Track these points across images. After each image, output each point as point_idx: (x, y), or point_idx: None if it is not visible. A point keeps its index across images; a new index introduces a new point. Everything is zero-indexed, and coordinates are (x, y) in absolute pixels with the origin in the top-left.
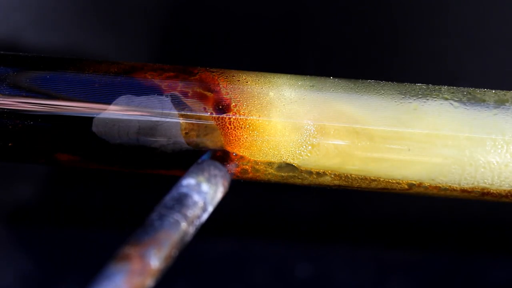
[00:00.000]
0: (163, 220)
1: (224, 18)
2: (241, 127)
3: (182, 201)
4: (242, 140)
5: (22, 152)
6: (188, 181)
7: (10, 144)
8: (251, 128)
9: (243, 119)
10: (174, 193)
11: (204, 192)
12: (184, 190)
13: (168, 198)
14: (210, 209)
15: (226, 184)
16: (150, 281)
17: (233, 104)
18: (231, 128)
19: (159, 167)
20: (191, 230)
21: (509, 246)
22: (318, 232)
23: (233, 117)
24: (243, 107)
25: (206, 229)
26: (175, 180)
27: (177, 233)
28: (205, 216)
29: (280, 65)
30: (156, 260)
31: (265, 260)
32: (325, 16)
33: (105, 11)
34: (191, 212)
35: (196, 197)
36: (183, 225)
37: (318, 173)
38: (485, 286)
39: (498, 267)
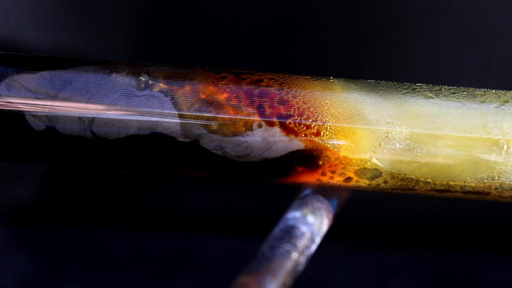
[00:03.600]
0: (274, 250)
1: (223, 18)
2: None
3: (290, 232)
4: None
5: (21, 153)
6: (294, 214)
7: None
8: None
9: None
10: (281, 225)
11: (311, 224)
12: (291, 222)
13: (276, 231)
14: (318, 240)
15: (330, 216)
16: None
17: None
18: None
19: (159, 167)
20: (302, 259)
21: (509, 246)
22: None
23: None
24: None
25: (207, 229)
26: (176, 179)
27: (289, 261)
28: (313, 247)
29: (280, 65)
30: (273, 286)
31: None
32: (324, 15)
33: (107, 11)
34: (300, 242)
35: (303, 228)
36: (294, 254)
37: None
38: (485, 286)
39: (498, 267)
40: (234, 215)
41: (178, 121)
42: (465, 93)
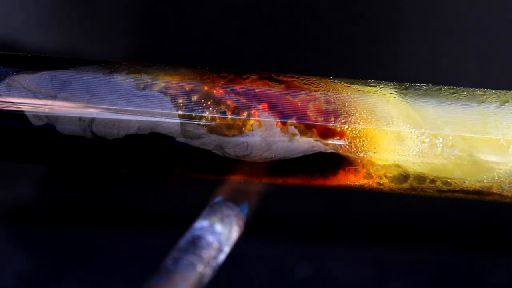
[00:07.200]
0: (177, 263)
1: (224, 18)
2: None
3: (195, 243)
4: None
5: (21, 153)
6: (201, 224)
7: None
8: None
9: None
10: (187, 236)
11: (218, 233)
12: (197, 232)
13: (181, 242)
14: (227, 249)
15: (241, 223)
16: None
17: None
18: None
19: (160, 167)
20: (208, 271)
21: (509, 246)
22: (318, 232)
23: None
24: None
25: None
26: (176, 179)
27: (193, 274)
28: (221, 257)
29: (280, 65)
30: None
31: (265, 260)
32: (324, 15)
33: (107, 11)
34: (205, 253)
35: (210, 238)
36: (199, 266)
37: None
38: (485, 286)
39: (498, 267)
40: None
41: (178, 121)
42: (465, 93)
